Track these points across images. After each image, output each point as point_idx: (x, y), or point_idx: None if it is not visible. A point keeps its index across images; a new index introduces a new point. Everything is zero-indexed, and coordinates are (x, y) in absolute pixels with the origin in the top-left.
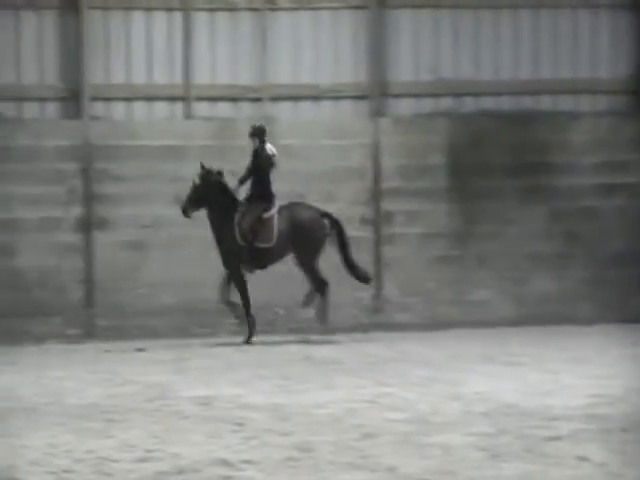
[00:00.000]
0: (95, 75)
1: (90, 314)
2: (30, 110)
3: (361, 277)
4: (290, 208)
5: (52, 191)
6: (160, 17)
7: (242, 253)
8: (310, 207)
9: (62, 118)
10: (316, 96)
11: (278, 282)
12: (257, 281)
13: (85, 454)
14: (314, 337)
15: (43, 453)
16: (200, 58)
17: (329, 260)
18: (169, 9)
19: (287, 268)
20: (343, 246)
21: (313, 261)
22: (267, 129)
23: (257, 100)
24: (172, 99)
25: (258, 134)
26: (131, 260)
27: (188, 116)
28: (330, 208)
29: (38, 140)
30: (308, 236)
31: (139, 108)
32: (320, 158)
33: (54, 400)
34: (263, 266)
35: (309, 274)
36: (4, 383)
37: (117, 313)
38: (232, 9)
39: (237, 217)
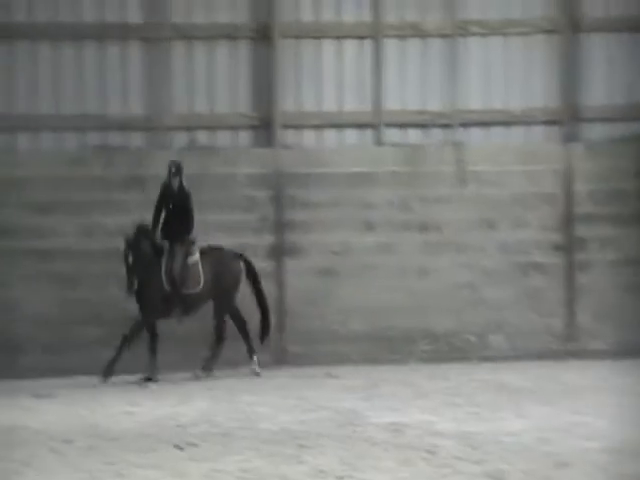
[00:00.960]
0: (286, 103)
1: (281, 340)
2: (223, 139)
3: (263, 328)
4: (209, 251)
5: (244, 218)
6: (350, 45)
7: (168, 301)
8: (226, 250)
9: (254, 146)
10: (507, 121)
11: (466, 308)
12: (446, 308)
13: (277, 479)
14: (505, 364)
15: (236, 478)
16: (390, 85)
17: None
18: (359, 37)
19: (474, 294)
20: (258, 289)
21: (230, 305)
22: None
23: (447, 126)
24: (362, 126)
25: (180, 171)
26: (321, 287)
27: (378, 143)
28: (520, 234)
29: (231, 168)
30: (229, 280)
31: (329, 135)
32: (510, 184)
33: (247, 425)
34: (188, 313)
35: (219, 319)
36: (199, 408)
37: (308, 339)
38: (422, 35)
39: (163, 263)
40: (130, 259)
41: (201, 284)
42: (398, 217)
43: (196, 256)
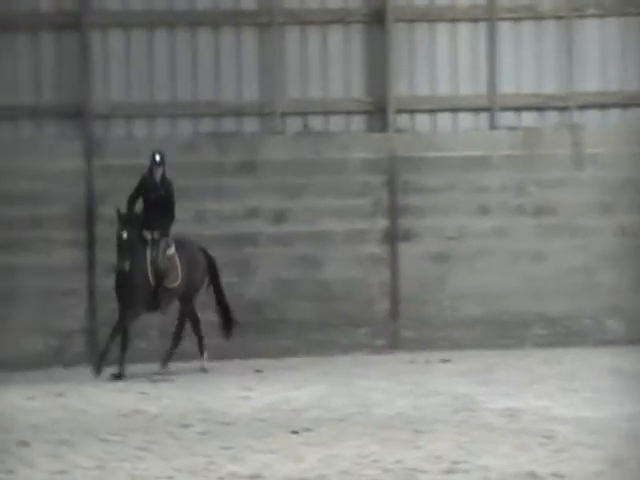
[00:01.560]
0: (400, 88)
1: (395, 325)
2: (337, 124)
3: (226, 324)
4: (181, 244)
5: (358, 203)
6: (465, 28)
7: (154, 294)
8: (194, 242)
9: (368, 131)
10: (624, 103)
11: (582, 293)
12: (561, 292)
13: (393, 464)
14: (621, 349)
15: (352, 463)
16: (505, 68)
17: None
18: (474, 20)
19: (590, 278)
20: (218, 285)
21: (194, 300)
22: None
23: (563, 109)
24: (476, 109)
25: (164, 161)
26: (436, 271)
27: (493, 126)
28: (637, 218)
29: (344, 153)
30: (200, 274)
31: (443, 119)
32: (628, 167)
33: (362, 410)
34: (165, 308)
35: (192, 311)
36: (316, 393)
37: (422, 324)
38: (537, 17)
39: (148, 255)
40: (124, 235)
41: (179, 278)
42: (513, 201)
43: (172, 248)
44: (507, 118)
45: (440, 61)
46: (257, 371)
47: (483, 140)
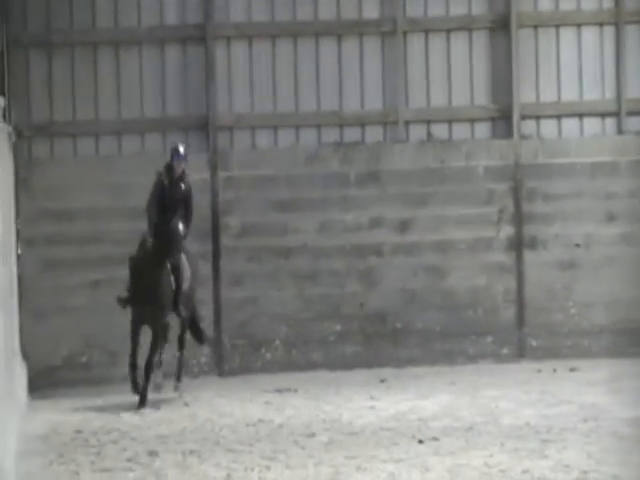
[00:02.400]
0: (525, 94)
1: (522, 333)
2: (461, 131)
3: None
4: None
5: (483, 211)
6: (590, 32)
7: (174, 300)
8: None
9: (492, 138)
10: None
11: None
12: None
13: (521, 475)
14: None
15: (480, 473)
16: (631, 72)
17: None
18: (600, 23)
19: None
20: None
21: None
22: None
23: None
24: (603, 115)
25: (187, 156)
26: (562, 279)
27: (620, 131)
28: None
29: (469, 161)
30: (197, 278)
31: (569, 125)
32: None
33: (489, 420)
34: (182, 311)
35: (196, 315)
36: (442, 402)
37: (548, 332)
38: None
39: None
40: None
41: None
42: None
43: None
44: (634, 123)
45: (565, 66)
46: (382, 381)
47: (610, 146)
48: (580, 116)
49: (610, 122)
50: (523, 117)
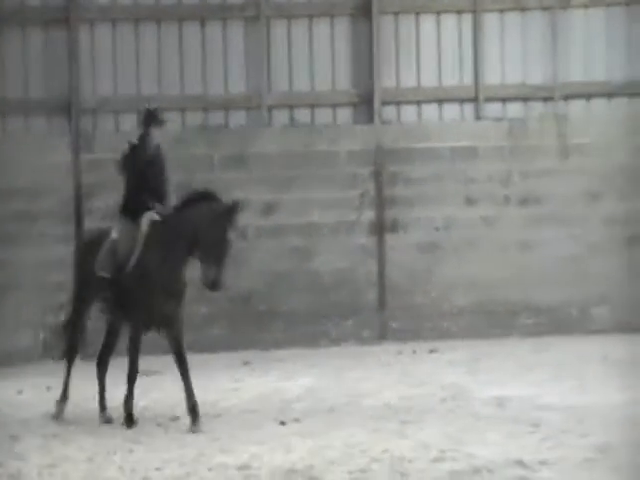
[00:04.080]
0: (386, 80)
1: (383, 316)
2: (324, 116)
3: None
4: None
5: (346, 195)
6: (450, 19)
7: None
8: None
9: (354, 123)
10: (610, 93)
11: (570, 282)
12: (549, 281)
13: (382, 454)
14: (608, 337)
15: (341, 453)
16: (490, 59)
17: None
18: (459, 11)
19: (578, 267)
20: None
21: None
22: None
23: (548, 99)
24: (462, 100)
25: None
26: (423, 262)
27: (478, 117)
28: (625, 206)
29: (332, 145)
30: None
31: (429, 110)
32: (614, 155)
33: (351, 401)
34: None
35: None
36: (306, 384)
37: (409, 314)
38: (522, 8)
39: None
40: None
41: None
42: (500, 191)
43: None
44: (493, 109)
45: (425, 53)
46: (246, 363)
47: (469, 131)
48: (440, 102)
49: (469, 108)
50: (384, 102)
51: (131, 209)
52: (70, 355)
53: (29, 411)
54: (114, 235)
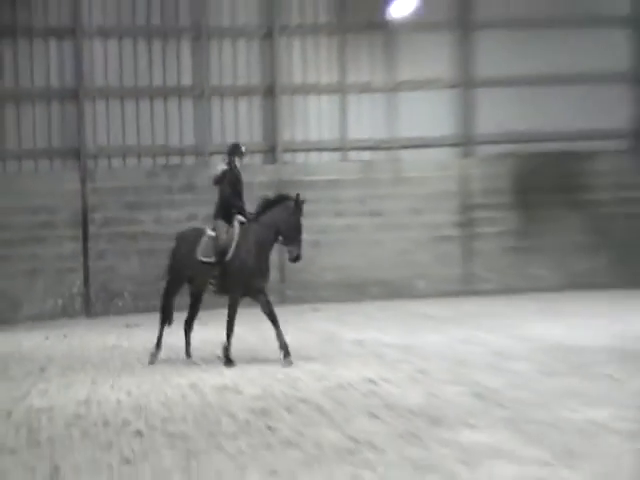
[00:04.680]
0: (285, 135)
1: (283, 287)
2: (246, 159)
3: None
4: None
5: None
6: (325, 98)
7: None
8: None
9: (264, 164)
10: (432, 145)
11: (403, 265)
12: (389, 265)
13: (282, 376)
14: (427, 300)
15: (256, 376)
16: (351, 122)
17: None
18: (331, 92)
19: (407, 256)
20: None
21: None
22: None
23: (388, 148)
24: (333, 149)
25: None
26: (309, 253)
27: (344, 159)
28: (436, 218)
29: (250, 178)
30: None
31: (312, 156)
32: (431, 185)
33: (262, 343)
34: None
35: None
36: (239, 334)
37: (300, 286)
38: (372, 90)
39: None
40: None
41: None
42: (358, 208)
43: None
44: (353, 155)
45: (311, 118)
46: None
47: (338, 169)
48: (320, 150)
49: (338, 154)
50: (284, 150)
51: (224, 213)
52: (165, 318)
53: (52, 351)
54: (210, 232)
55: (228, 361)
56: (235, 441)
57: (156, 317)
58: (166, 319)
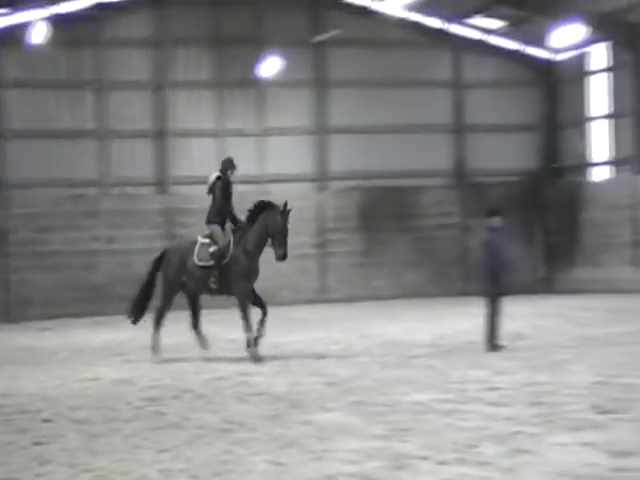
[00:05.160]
0: (173, 171)
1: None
2: (142, 190)
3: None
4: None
5: (153, 232)
6: (209, 141)
7: None
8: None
9: (157, 194)
10: (299, 179)
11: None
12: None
13: (180, 374)
14: (292, 307)
15: (150, 370)
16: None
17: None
18: (212, 136)
19: None
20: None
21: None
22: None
23: (256, 183)
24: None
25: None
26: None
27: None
28: (298, 239)
29: (146, 205)
30: None
31: (198, 188)
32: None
33: (141, 346)
34: None
35: None
36: (127, 335)
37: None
38: (284, 134)
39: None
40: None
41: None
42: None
43: None
44: (235, 187)
45: (195, 156)
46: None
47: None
48: (202, 183)
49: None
50: (173, 183)
51: (217, 220)
52: (159, 322)
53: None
54: (202, 239)
55: (256, 359)
56: (130, 424)
57: (65, 322)
58: (160, 324)
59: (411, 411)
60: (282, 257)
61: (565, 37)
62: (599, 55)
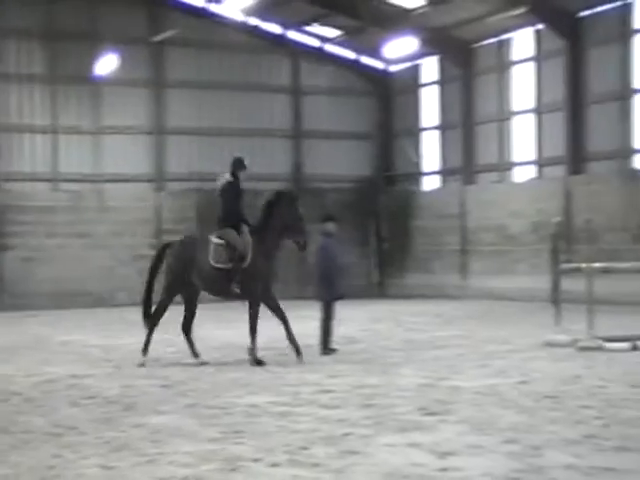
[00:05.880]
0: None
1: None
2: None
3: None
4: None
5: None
6: (45, 137)
7: None
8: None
9: None
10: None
11: (110, 279)
12: (97, 278)
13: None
14: (127, 309)
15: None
16: (63, 158)
17: None
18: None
19: (115, 271)
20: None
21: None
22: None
23: (94, 181)
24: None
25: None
26: (27, 267)
27: (55, 190)
28: (135, 240)
29: None
30: None
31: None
32: (128, 213)
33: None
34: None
35: None
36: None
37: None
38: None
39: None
40: None
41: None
42: (68, 230)
43: None
44: (64, 185)
45: (27, 152)
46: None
47: (50, 197)
48: (34, 180)
49: (51, 184)
50: (3, 179)
51: (230, 221)
52: (155, 322)
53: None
54: (216, 240)
55: (258, 362)
56: None
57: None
58: (155, 323)
59: (245, 413)
60: (303, 248)
61: (398, 49)
62: (430, 68)
